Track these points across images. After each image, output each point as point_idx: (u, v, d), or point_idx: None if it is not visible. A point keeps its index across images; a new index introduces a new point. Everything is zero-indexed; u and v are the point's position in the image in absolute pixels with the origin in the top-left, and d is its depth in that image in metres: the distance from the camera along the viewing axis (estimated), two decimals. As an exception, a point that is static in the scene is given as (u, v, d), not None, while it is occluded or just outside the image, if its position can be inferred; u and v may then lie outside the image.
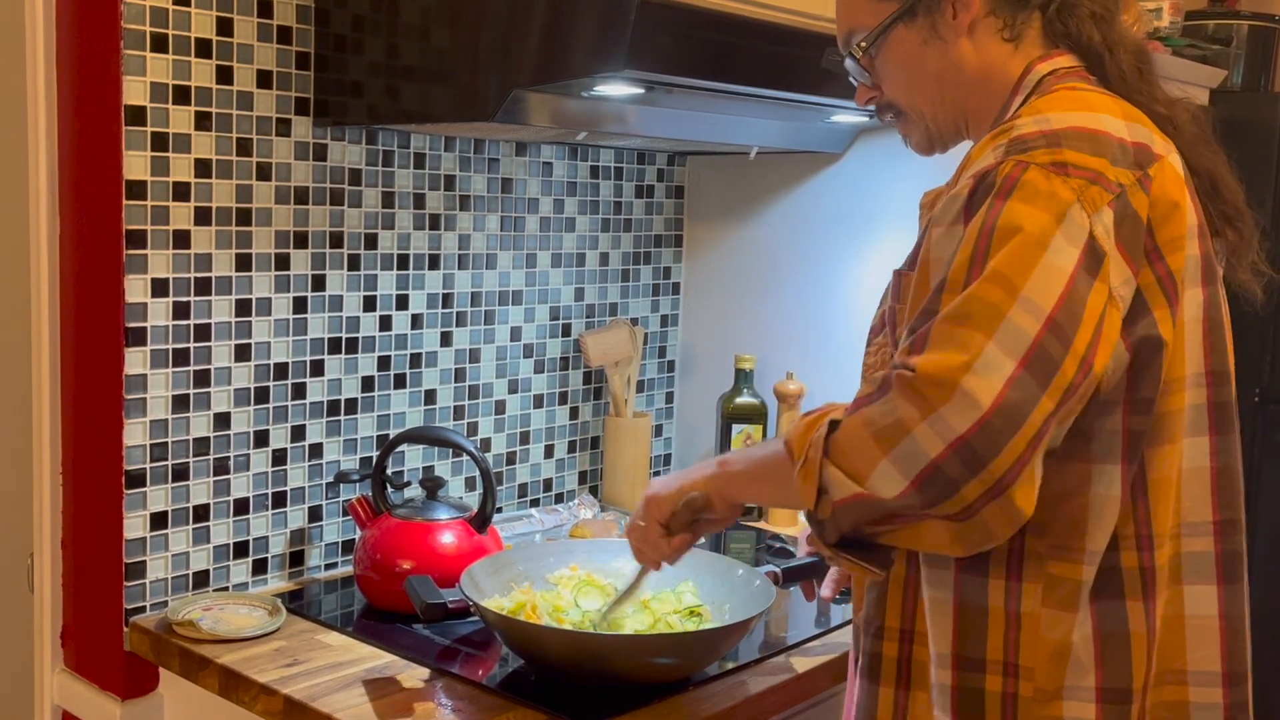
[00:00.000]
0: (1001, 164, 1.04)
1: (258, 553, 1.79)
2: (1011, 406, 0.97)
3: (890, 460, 0.99)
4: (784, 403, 2.22)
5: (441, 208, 1.97)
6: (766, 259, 2.32)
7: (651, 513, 1.34)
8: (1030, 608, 1.08)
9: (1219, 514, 1.12)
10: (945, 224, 1.08)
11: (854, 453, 1.02)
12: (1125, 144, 1.08)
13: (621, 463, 2.23)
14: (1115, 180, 1.04)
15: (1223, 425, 1.13)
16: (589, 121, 1.78)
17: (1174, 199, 1.08)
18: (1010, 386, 0.97)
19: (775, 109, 1.89)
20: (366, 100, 1.72)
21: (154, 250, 1.63)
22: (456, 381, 2.03)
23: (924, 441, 0.98)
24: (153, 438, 1.65)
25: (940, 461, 0.97)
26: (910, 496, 0.99)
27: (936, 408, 0.98)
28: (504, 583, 1.63)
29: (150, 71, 1.60)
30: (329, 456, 1.86)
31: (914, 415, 0.98)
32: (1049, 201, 1.01)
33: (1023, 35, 1.19)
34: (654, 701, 1.43)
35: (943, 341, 1.00)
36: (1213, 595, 1.12)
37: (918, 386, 0.99)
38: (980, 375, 0.97)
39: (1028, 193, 1.02)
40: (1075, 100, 1.11)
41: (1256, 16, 2.74)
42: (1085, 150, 1.05)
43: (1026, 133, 1.06)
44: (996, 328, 0.98)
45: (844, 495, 1.02)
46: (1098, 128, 1.07)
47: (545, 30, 1.53)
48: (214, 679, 1.53)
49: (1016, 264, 1.00)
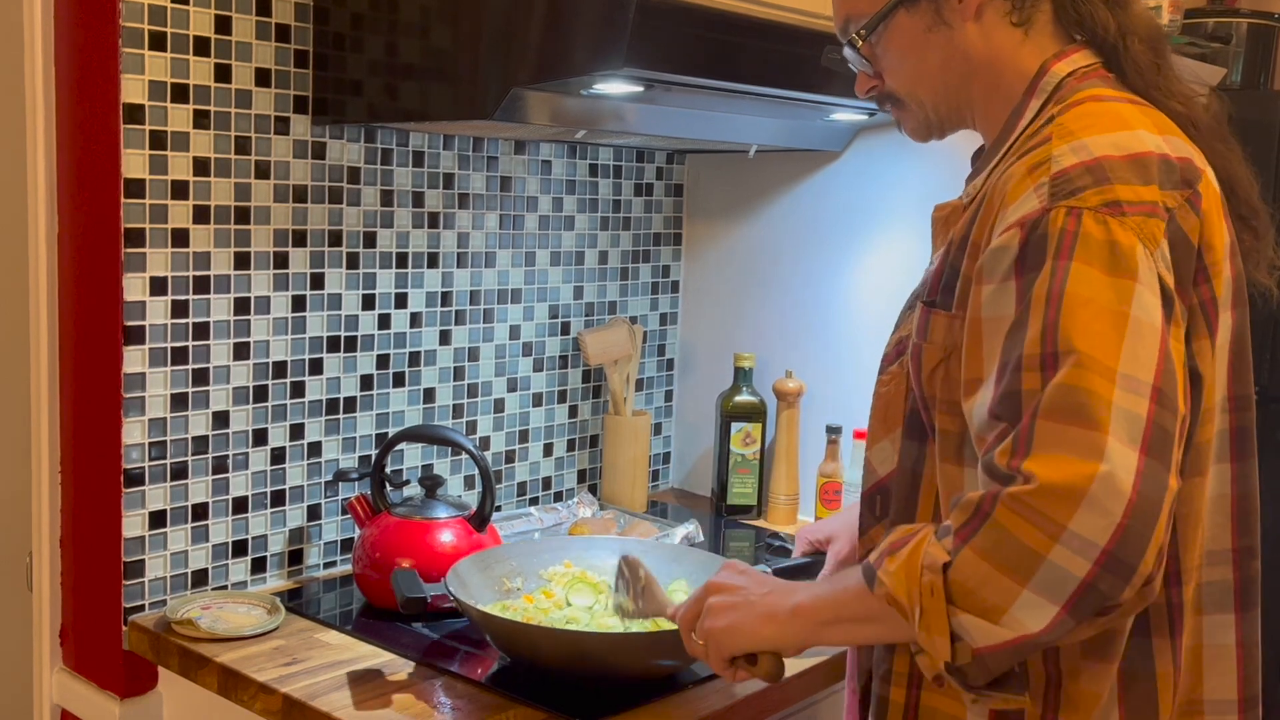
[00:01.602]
0: (1051, 211, 0.98)
1: (256, 551, 1.79)
2: (1146, 503, 0.91)
3: (1032, 590, 0.92)
4: (783, 401, 2.22)
5: (440, 206, 1.97)
6: (766, 257, 2.32)
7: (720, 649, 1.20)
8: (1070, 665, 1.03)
9: (1238, 541, 1.09)
10: (996, 280, 1.00)
11: (984, 590, 0.94)
12: (1169, 160, 1.02)
13: (620, 461, 2.23)
14: (1163, 205, 0.99)
15: (1243, 451, 1.09)
16: (588, 120, 1.78)
17: (1215, 219, 1.03)
18: (1141, 480, 0.91)
19: (774, 107, 1.89)
20: (365, 99, 1.72)
21: (152, 249, 1.63)
22: (455, 380, 2.03)
23: (1066, 564, 0.91)
24: (151, 436, 1.65)
25: (1091, 580, 0.90)
26: (1064, 621, 0.92)
27: (1066, 525, 0.90)
28: (494, 579, 1.63)
29: (149, 70, 1.60)
30: (328, 455, 1.86)
31: (1043, 539, 0.91)
32: (1113, 256, 0.95)
33: (1033, 20, 1.13)
34: (652, 700, 1.43)
35: (1052, 444, 0.92)
36: (1231, 624, 1.09)
37: (1037, 505, 0.91)
38: (1108, 480, 0.90)
39: (1091, 250, 0.95)
40: (1107, 116, 1.05)
41: (1256, 15, 2.74)
42: (1135, 180, 0.98)
43: (1068, 166, 1.00)
44: (1108, 419, 0.91)
45: (992, 642, 0.95)
46: (1139, 149, 1.01)
47: (544, 29, 1.52)
48: (213, 678, 1.53)
49: (1105, 342, 0.93)
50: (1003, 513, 0.93)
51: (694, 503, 2.37)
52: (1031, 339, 0.96)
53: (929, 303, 1.10)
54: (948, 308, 1.08)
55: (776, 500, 2.24)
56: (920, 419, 1.13)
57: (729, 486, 2.26)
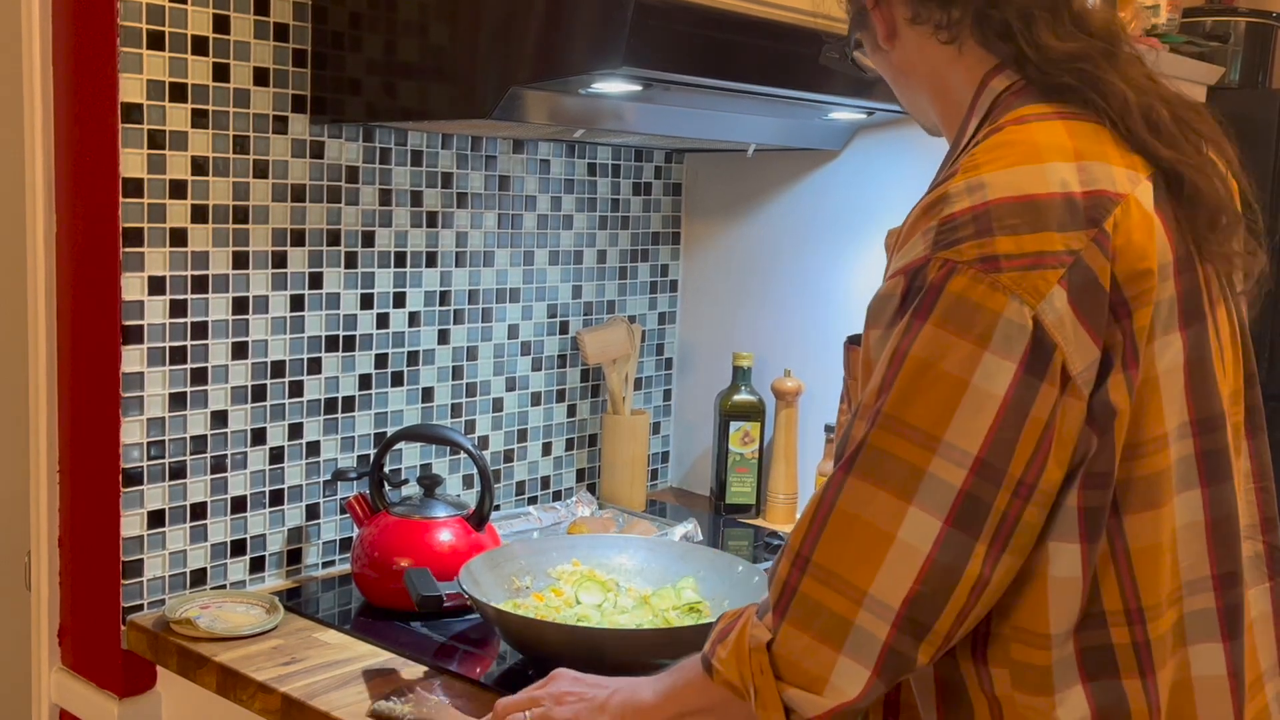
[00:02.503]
0: (929, 263, 0.96)
1: (255, 551, 1.79)
2: (941, 570, 0.94)
3: (846, 656, 0.96)
4: (782, 400, 2.22)
5: (439, 205, 1.96)
6: (764, 256, 2.32)
7: None
8: (1003, 692, 1.02)
9: (1216, 568, 1.04)
10: (882, 326, 1.00)
11: (804, 660, 0.98)
12: (1074, 199, 0.96)
13: (619, 460, 2.23)
14: (1065, 249, 0.94)
15: (1215, 474, 1.02)
16: (587, 119, 1.78)
17: (1141, 245, 0.97)
18: (938, 548, 0.94)
19: (773, 106, 1.89)
20: (364, 98, 1.72)
21: (151, 248, 1.63)
22: (454, 379, 2.03)
23: (871, 627, 0.95)
24: (150, 436, 1.65)
25: (891, 642, 0.95)
26: (875, 685, 0.97)
27: (866, 589, 0.95)
28: (504, 577, 1.63)
29: (147, 69, 1.60)
30: (326, 454, 1.86)
31: (847, 604, 0.96)
32: (972, 318, 0.93)
33: (961, 37, 1.08)
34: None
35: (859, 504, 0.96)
36: (1219, 653, 1.04)
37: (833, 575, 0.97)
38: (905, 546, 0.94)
39: (947, 310, 0.94)
40: (1019, 147, 0.99)
41: (1254, 13, 2.74)
42: (1023, 229, 0.94)
43: (956, 211, 0.96)
44: (917, 488, 0.94)
45: (817, 712, 0.99)
46: (1038, 190, 0.95)
47: (543, 28, 1.52)
48: (212, 677, 1.53)
49: (935, 412, 0.94)
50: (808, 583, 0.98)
51: (692, 502, 2.37)
52: (872, 389, 0.99)
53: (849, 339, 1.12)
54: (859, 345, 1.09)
55: (775, 499, 2.25)
56: None
57: (727, 486, 2.26)
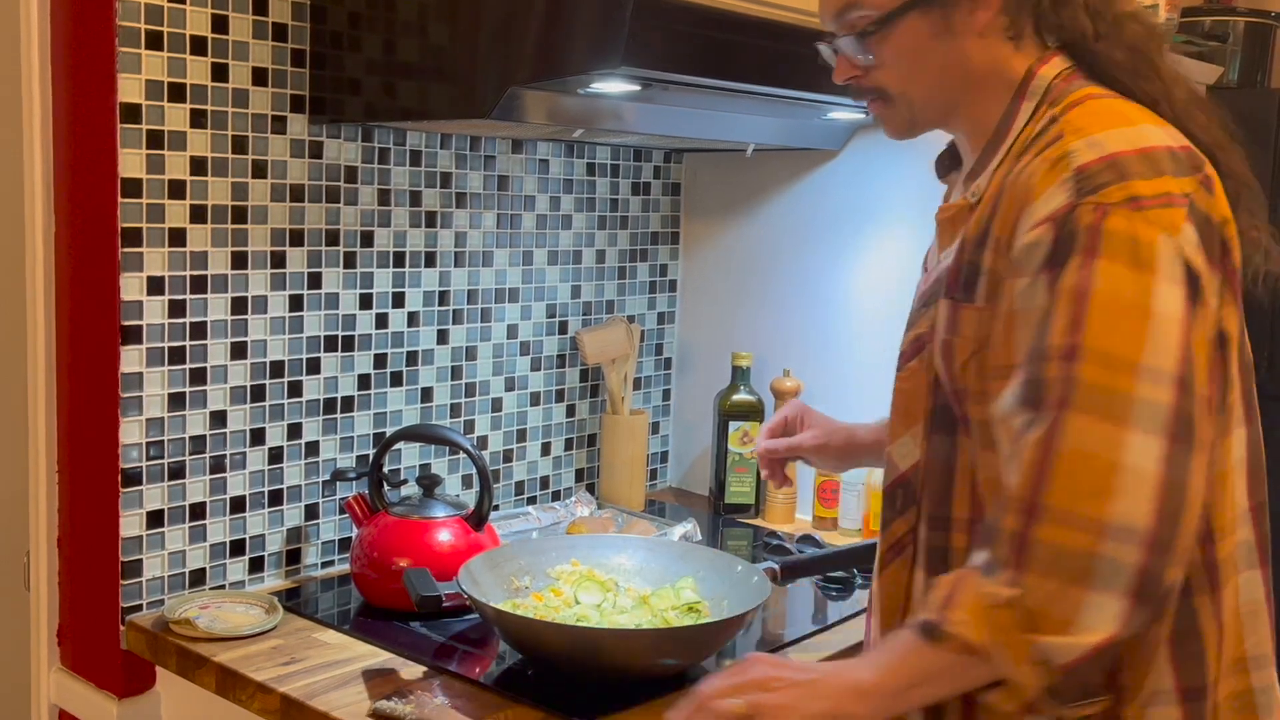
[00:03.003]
0: (1078, 207, 1.03)
1: (254, 551, 1.79)
2: (1170, 486, 0.97)
3: (1095, 591, 0.97)
4: (781, 399, 2.22)
5: (438, 205, 1.96)
6: (763, 256, 2.32)
7: None
8: None
9: (1254, 498, 1.13)
10: (1029, 274, 1.05)
11: (1053, 607, 0.98)
12: (1174, 150, 1.06)
13: (618, 460, 2.23)
14: (1180, 192, 1.04)
15: (1251, 414, 1.14)
16: (585, 119, 1.78)
17: (1221, 196, 1.08)
18: (1167, 467, 0.97)
19: (772, 106, 1.89)
20: (363, 98, 1.72)
21: (149, 248, 1.62)
22: (453, 379, 2.03)
23: (1119, 555, 0.96)
24: (149, 436, 1.65)
25: (1146, 564, 0.96)
26: (1135, 614, 0.97)
27: (1106, 520, 0.96)
28: (503, 578, 1.63)
29: (146, 69, 1.60)
30: (325, 454, 1.86)
31: (1089, 539, 0.97)
32: (1137, 250, 1.00)
33: (1022, 33, 1.17)
34: (651, 698, 1.42)
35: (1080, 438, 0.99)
36: (1258, 579, 1.13)
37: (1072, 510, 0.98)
38: (1134, 470, 0.97)
39: (1115, 246, 1.01)
40: (1111, 113, 1.09)
41: (1253, 13, 2.74)
42: (1149, 174, 1.03)
43: (1088, 162, 1.04)
44: (1131, 412, 0.98)
45: (1075, 656, 0.98)
46: (1147, 144, 1.06)
47: (542, 28, 1.52)
48: (211, 677, 1.53)
49: (1127, 337, 0.99)
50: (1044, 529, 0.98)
51: (692, 501, 2.37)
52: (1059, 330, 1.01)
53: (954, 299, 1.14)
54: (971, 302, 1.12)
55: (774, 499, 2.25)
56: (950, 412, 1.16)
57: (727, 485, 2.26)
